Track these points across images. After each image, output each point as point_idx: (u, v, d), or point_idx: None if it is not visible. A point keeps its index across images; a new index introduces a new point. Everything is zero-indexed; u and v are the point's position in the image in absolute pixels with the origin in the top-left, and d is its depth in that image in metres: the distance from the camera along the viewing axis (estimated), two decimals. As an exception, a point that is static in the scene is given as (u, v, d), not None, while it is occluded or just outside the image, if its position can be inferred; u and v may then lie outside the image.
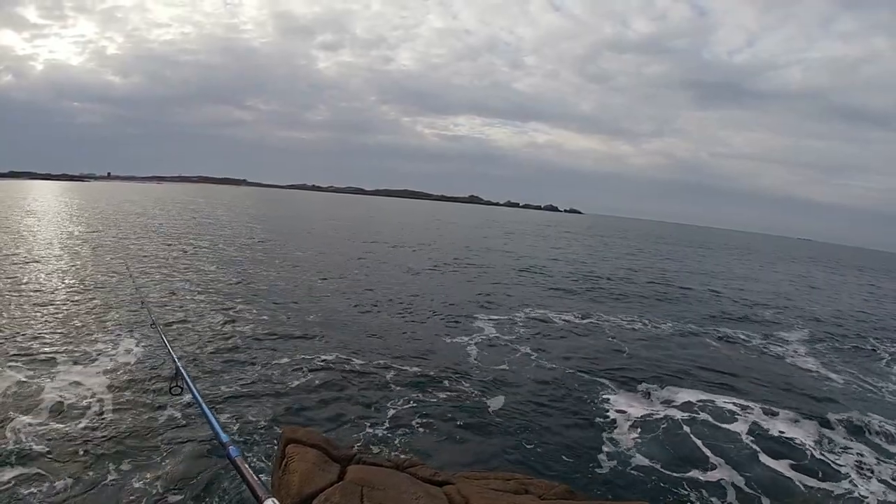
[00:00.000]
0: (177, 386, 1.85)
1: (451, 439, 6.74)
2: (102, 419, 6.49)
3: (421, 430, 6.91)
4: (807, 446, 7.36)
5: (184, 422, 6.49)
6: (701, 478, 6.27)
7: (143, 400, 7.13)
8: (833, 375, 11.17)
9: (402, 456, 5.82)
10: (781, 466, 6.74)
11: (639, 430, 7.43)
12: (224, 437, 0.93)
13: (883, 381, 11.12)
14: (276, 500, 0.65)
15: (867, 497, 6.19)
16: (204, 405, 1.25)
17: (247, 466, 0.79)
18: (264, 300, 13.42)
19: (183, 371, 1.80)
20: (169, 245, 23.00)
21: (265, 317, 11.79)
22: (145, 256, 19.36)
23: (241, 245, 25.30)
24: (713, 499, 5.84)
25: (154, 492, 5.10)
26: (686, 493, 5.94)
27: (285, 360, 9.04)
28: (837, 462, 7.00)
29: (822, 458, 7.06)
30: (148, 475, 5.39)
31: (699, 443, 7.20)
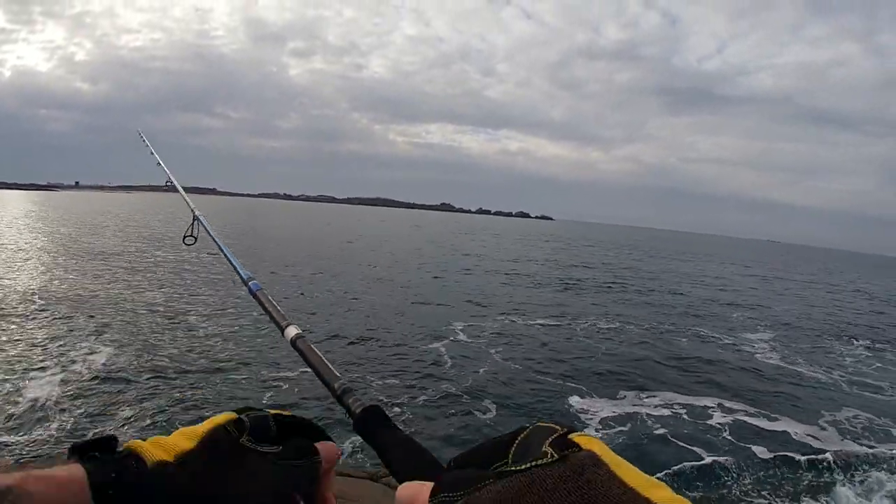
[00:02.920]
0: (190, 236, 1.62)
1: (427, 448, 6.65)
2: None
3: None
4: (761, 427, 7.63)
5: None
6: (676, 476, 6.39)
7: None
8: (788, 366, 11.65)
9: (378, 467, 5.70)
10: (758, 457, 6.94)
11: (610, 431, 7.53)
12: (244, 273, 0.91)
13: (837, 373, 11.67)
14: (297, 327, 0.68)
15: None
16: (223, 247, 1.18)
17: (269, 298, 0.80)
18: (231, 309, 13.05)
19: (199, 216, 1.57)
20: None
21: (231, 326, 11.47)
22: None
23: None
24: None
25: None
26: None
27: (255, 367, 8.79)
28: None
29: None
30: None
31: (670, 438, 7.35)
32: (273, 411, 0.54)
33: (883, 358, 13.90)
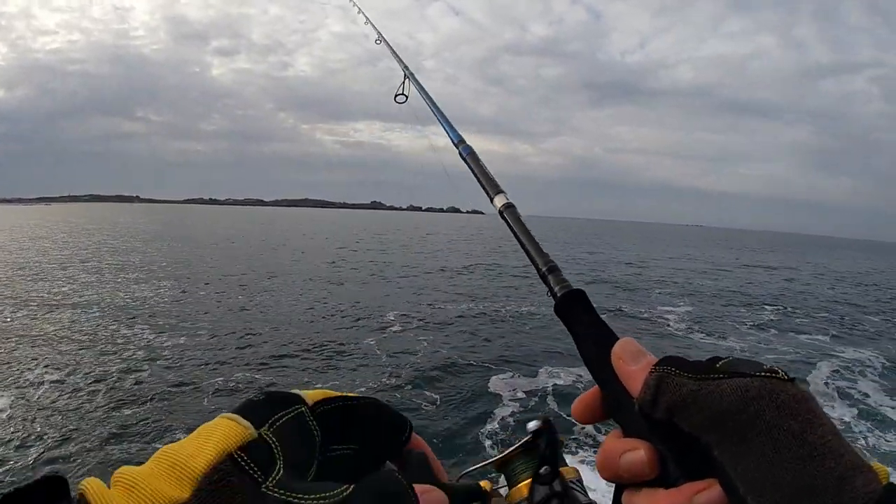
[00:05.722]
0: (401, 94, 1.47)
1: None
2: None
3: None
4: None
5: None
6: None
7: None
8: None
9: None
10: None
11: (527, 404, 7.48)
12: (455, 137, 0.94)
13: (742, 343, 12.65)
14: (505, 196, 0.61)
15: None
16: (435, 105, 1.13)
17: (480, 163, 0.79)
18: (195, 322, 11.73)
19: (411, 73, 1.44)
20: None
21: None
22: None
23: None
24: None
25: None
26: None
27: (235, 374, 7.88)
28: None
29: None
30: None
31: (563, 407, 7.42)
32: (315, 394, 0.38)
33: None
